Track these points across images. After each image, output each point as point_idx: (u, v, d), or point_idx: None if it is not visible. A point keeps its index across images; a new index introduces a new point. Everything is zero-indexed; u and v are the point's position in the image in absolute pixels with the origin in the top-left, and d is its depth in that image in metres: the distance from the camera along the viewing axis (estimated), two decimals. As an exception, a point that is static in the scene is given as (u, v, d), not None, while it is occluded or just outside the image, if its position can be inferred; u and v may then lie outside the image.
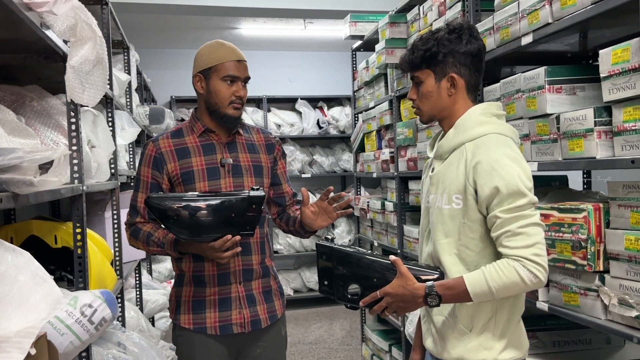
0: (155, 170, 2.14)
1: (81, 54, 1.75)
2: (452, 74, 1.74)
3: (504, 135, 1.71)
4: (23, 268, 1.30)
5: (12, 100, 2.15)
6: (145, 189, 2.14)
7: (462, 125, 1.73)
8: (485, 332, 1.70)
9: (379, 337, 4.29)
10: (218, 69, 2.10)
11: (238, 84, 2.12)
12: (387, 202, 4.02)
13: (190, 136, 2.18)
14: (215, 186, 2.12)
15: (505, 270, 1.57)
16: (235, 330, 2.14)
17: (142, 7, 4.95)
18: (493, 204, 1.61)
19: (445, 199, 1.72)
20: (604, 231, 1.93)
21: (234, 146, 2.20)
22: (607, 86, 1.82)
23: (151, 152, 2.15)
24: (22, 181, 1.25)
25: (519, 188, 1.59)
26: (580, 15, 1.92)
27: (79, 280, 2.14)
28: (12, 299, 1.28)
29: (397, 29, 3.67)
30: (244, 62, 2.16)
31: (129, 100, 3.96)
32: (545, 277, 1.59)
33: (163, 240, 2.08)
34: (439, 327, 1.78)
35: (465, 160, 1.68)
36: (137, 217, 2.17)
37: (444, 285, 1.63)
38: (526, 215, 1.59)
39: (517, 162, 1.63)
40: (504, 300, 1.70)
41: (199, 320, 2.14)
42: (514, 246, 1.58)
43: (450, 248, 1.71)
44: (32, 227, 2.39)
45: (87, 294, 1.59)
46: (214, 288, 2.14)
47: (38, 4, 1.49)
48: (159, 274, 5.30)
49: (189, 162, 2.13)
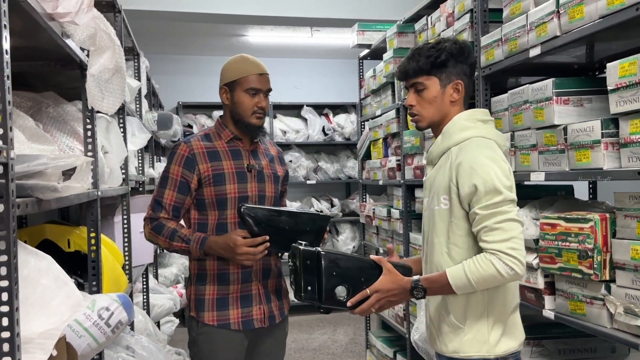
0: (186, 170, 2.23)
1: (100, 63, 1.79)
2: (458, 80, 1.86)
3: (487, 138, 1.83)
4: (45, 271, 1.34)
5: (29, 106, 2.19)
6: (174, 186, 2.23)
7: (448, 131, 1.86)
8: (478, 325, 1.80)
9: (383, 344, 4.30)
10: (242, 82, 2.26)
11: (260, 96, 2.27)
12: (393, 210, 4.05)
13: (219, 141, 2.31)
14: (243, 189, 2.26)
15: (483, 264, 1.68)
16: (257, 325, 2.28)
17: (152, 15, 5.01)
18: (473, 201, 1.73)
19: (435, 201, 1.85)
20: (610, 241, 1.96)
21: (256, 154, 2.36)
22: (614, 99, 1.85)
23: (184, 152, 2.25)
24: (46, 187, 1.29)
25: (496, 186, 1.71)
26: (588, 29, 1.95)
27: (93, 284, 2.18)
28: (35, 301, 1.32)
29: (404, 38, 3.72)
30: (266, 75, 2.31)
31: (139, 106, 4.01)
32: (522, 270, 1.69)
33: (190, 237, 2.17)
34: (435, 321, 1.89)
35: (450, 163, 1.81)
36: (161, 212, 2.24)
37: (429, 279, 1.77)
38: (503, 212, 1.70)
39: (496, 162, 1.75)
40: (495, 294, 1.80)
41: (223, 317, 2.25)
42: (491, 240, 1.69)
43: (442, 248, 1.83)
44: (46, 231, 2.43)
45: (104, 297, 1.63)
46: (237, 286, 2.26)
47: (61, 14, 1.53)
48: (165, 278, 5.33)
49: (221, 165, 2.26)
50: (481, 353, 1.79)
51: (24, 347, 1.23)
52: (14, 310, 1.17)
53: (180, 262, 5.80)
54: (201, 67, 7.09)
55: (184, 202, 2.25)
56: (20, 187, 1.30)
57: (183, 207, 2.26)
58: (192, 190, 2.24)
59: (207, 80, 7.03)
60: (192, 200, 2.27)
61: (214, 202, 2.24)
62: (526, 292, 2.36)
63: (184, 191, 2.23)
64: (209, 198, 2.24)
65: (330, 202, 7.02)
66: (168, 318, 4.87)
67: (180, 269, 5.70)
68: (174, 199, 2.23)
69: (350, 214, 6.98)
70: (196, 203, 2.28)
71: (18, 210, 1.20)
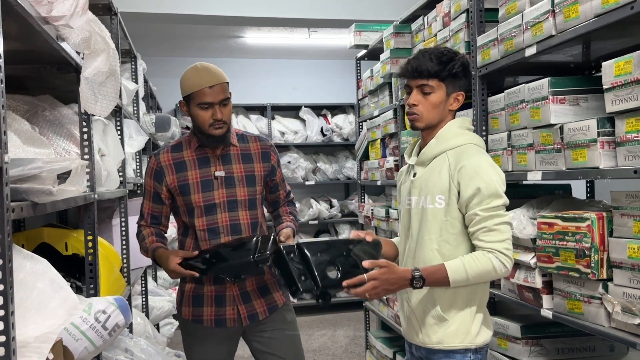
0: (156, 182, 2.36)
1: (94, 66, 1.79)
2: (461, 92, 1.98)
3: (478, 145, 1.97)
4: (41, 275, 1.33)
5: (25, 110, 2.19)
6: (149, 197, 2.39)
7: (443, 136, 1.97)
8: (462, 318, 1.92)
9: (383, 345, 4.30)
10: (194, 96, 2.25)
11: (215, 108, 2.24)
12: (392, 210, 4.05)
13: (188, 150, 2.36)
14: (209, 197, 2.31)
15: (482, 260, 1.81)
16: (229, 324, 2.35)
17: (149, 17, 5.00)
18: (473, 203, 1.85)
19: (429, 200, 1.93)
20: (608, 240, 1.96)
21: (228, 158, 2.36)
22: (610, 97, 1.85)
23: (153, 166, 2.37)
24: (41, 190, 1.29)
25: (497, 191, 1.85)
26: (584, 28, 1.95)
27: (90, 287, 2.18)
28: (31, 305, 1.32)
29: (401, 39, 3.72)
30: (219, 85, 2.24)
31: (136, 108, 4.01)
32: (511, 267, 1.85)
33: (148, 247, 2.34)
34: (417, 313, 1.98)
35: (449, 166, 1.91)
36: (142, 220, 2.43)
37: (428, 270, 1.83)
38: (500, 215, 1.85)
39: (495, 169, 1.89)
40: (478, 286, 1.92)
41: (197, 313, 2.36)
42: (489, 240, 1.83)
43: (432, 244, 1.93)
44: (43, 235, 2.43)
45: (101, 300, 1.63)
46: (210, 286, 2.35)
47: (55, 17, 1.53)
48: (164, 280, 5.33)
49: (186, 176, 2.32)
50: (464, 344, 1.91)
51: (20, 351, 1.23)
52: (10, 314, 1.17)
53: (180, 264, 5.80)
54: (199, 69, 7.08)
55: (161, 210, 2.40)
56: (15, 191, 1.30)
57: (162, 214, 2.41)
58: (164, 200, 2.36)
59: (205, 82, 7.03)
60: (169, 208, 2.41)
61: (185, 210, 2.35)
62: (524, 291, 2.36)
63: (157, 201, 2.38)
64: (181, 207, 2.35)
65: (329, 202, 7.02)
66: (167, 320, 4.87)
67: (180, 271, 5.70)
68: (150, 209, 2.40)
69: (349, 215, 6.99)
70: (173, 209, 2.41)
71: (13, 214, 1.20)
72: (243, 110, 6.82)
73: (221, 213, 2.31)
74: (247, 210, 2.34)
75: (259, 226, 2.39)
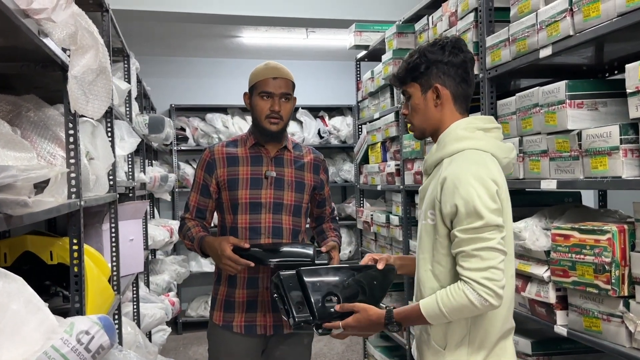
0: (207, 174, 2.36)
1: (83, 63, 1.66)
2: (436, 84, 1.72)
3: (483, 150, 1.67)
4: (15, 295, 1.20)
5: (8, 110, 2.05)
6: (197, 189, 2.38)
7: (442, 140, 1.72)
8: (459, 349, 1.66)
9: (382, 354, 4.18)
10: (257, 86, 2.31)
11: (274, 99, 2.28)
12: (392, 216, 3.92)
13: (243, 147, 2.38)
14: (256, 195, 2.31)
15: (455, 294, 1.57)
16: (259, 332, 2.32)
17: (143, 15, 4.87)
18: (454, 222, 1.61)
19: (423, 215, 1.74)
20: (629, 254, 1.84)
21: (280, 161, 2.38)
22: (634, 102, 1.73)
23: (206, 157, 2.38)
24: (15, 202, 1.16)
25: (477, 209, 1.56)
26: (605, 28, 1.83)
27: (75, 300, 2.05)
28: (3, 328, 1.18)
29: (404, 39, 3.60)
30: (283, 79, 2.32)
31: (129, 109, 3.87)
32: (498, 302, 1.55)
33: (194, 236, 2.29)
34: (418, 341, 1.81)
35: (439, 176, 1.66)
36: (187, 213, 2.40)
37: (401, 313, 1.68)
38: (483, 239, 1.56)
39: (481, 181, 1.58)
40: (479, 319, 1.65)
41: (228, 319, 2.33)
42: (467, 267, 1.57)
43: (426, 264, 1.71)
44: (27, 243, 2.29)
45: (84, 320, 1.49)
46: (242, 290, 2.31)
47: (36, 10, 1.40)
48: (157, 286, 5.18)
49: (236, 170, 2.33)
50: None
51: (-11, 382, 1.10)
52: (-23, 342, 1.04)
53: (172, 268, 5.66)
54: (194, 69, 6.95)
55: (206, 204, 2.38)
56: (-13, 202, 1.17)
57: (207, 209, 2.39)
58: (212, 193, 2.35)
59: (201, 83, 6.90)
60: (215, 203, 2.38)
61: (229, 206, 2.33)
62: (536, 306, 2.23)
63: (205, 194, 2.36)
64: (225, 202, 2.34)
65: (326, 206, 6.89)
66: (160, 327, 4.72)
67: (173, 275, 5.55)
68: (197, 201, 2.38)
69: (346, 218, 6.85)
70: (217, 206, 2.39)
71: (-18, 228, 1.07)
72: (239, 112, 6.69)
73: (265, 213, 2.31)
74: (291, 216, 2.35)
75: (300, 235, 2.39)
